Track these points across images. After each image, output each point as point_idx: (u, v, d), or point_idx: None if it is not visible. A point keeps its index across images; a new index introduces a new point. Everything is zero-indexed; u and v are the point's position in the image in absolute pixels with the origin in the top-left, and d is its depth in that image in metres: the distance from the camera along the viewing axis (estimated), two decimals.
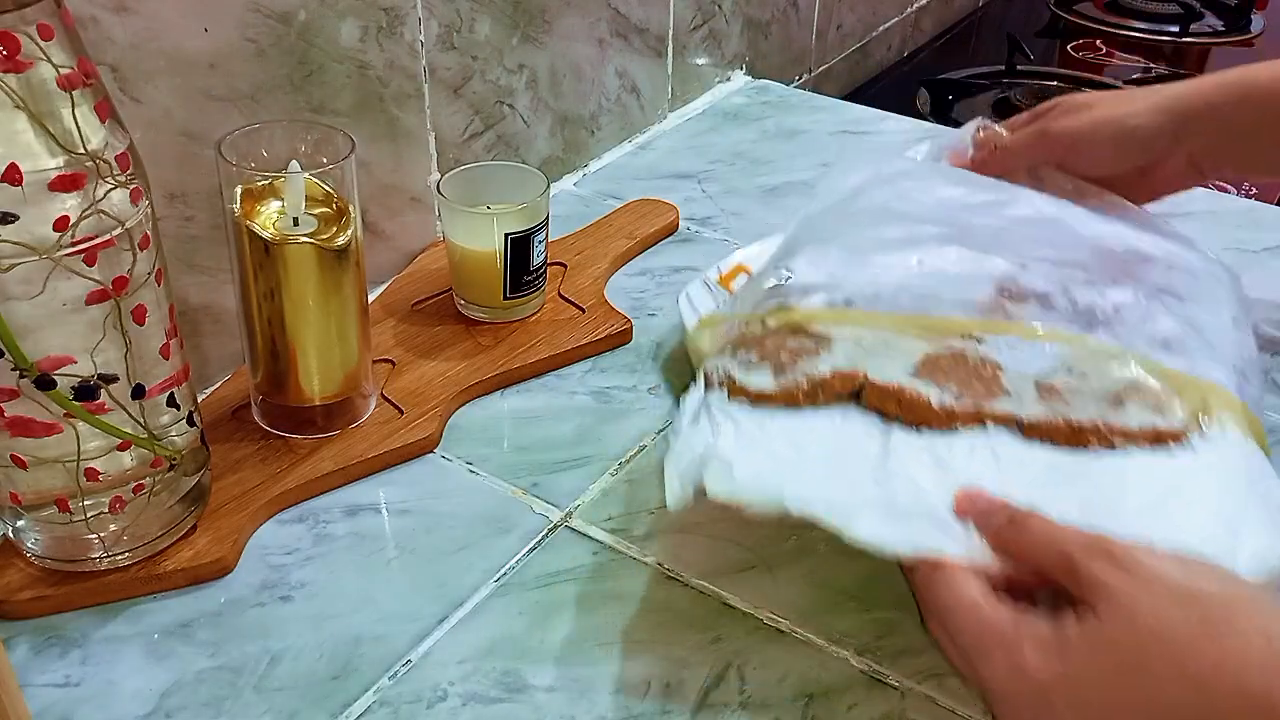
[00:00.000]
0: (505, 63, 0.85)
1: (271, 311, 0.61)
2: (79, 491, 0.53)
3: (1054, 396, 0.56)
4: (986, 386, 0.56)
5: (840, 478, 0.52)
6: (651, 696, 0.53)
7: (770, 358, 0.57)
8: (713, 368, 0.58)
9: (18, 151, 0.45)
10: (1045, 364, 0.57)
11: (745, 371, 0.57)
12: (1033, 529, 0.49)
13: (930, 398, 0.55)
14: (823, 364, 0.57)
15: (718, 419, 0.55)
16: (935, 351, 0.57)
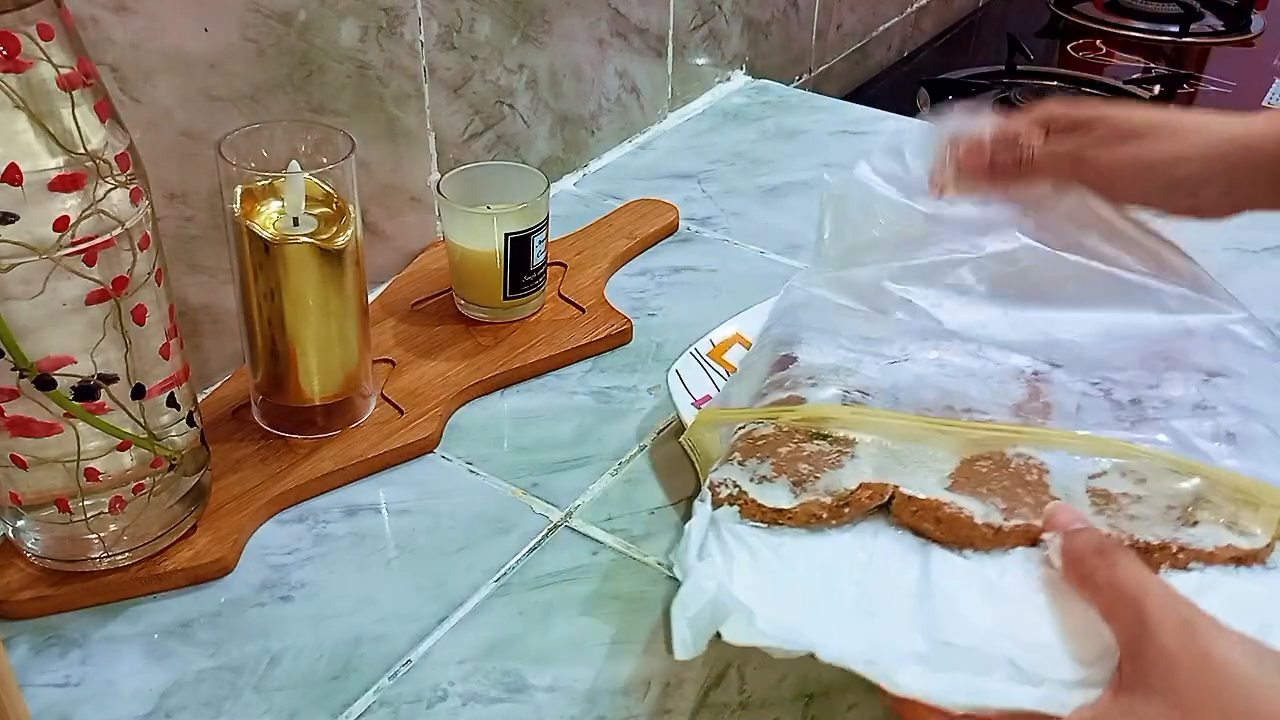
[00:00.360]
0: (505, 63, 0.85)
1: (271, 311, 0.61)
2: (79, 491, 0.53)
3: (1113, 507, 0.49)
4: (1034, 495, 0.50)
5: (876, 618, 0.46)
6: (651, 696, 0.53)
7: (787, 469, 0.51)
8: (720, 480, 0.52)
9: (18, 151, 0.45)
10: (1096, 465, 0.52)
11: (758, 486, 0.51)
12: (1119, 566, 0.44)
13: (974, 514, 0.49)
14: (847, 476, 0.50)
15: (729, 545, 0.49)
16: (972, 455, 0.52)
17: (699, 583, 0.46)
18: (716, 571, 0.47)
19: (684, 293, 0.82)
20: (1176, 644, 0.41)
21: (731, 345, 0.70)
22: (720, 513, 0.51)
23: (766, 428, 0.54)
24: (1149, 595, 0.43)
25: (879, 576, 0.48)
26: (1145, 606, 0.42)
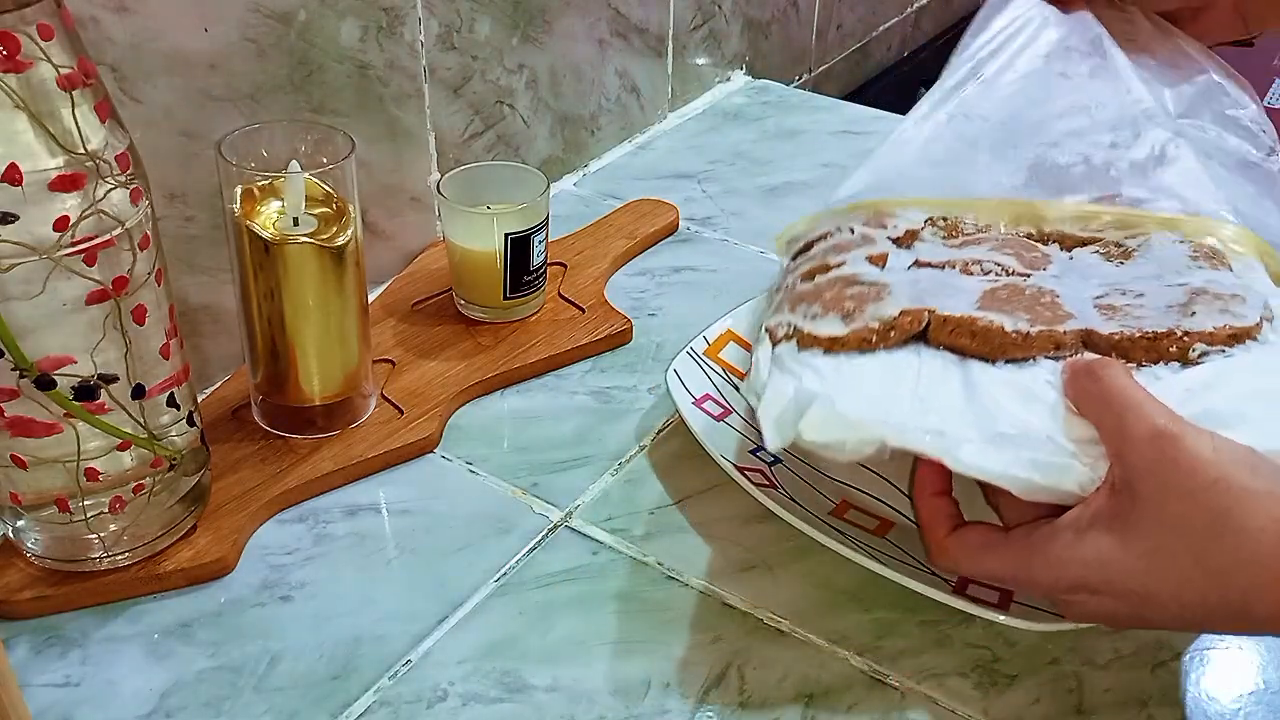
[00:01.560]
0: (505, 63, 0.85)
1: (271, 311, 0.61)
2: (79, 491, 0.53)
3: (1120, 314, 0.54)
4: (1051, 311, 0.54)
5: (934, 412, 0.50)
6: (651, 696, 0.53)
7: (834, 306, 0.55)
8: (775, 324, 0.57)
9: (18, 151, 0.45)
10: (1095, 289, 0.56)
11: (812, 321, 0.55)
12: (1105, 380, 0.48)
13: (1005, 325, 0.53)
14: (889, 305, 0.54)
15: (794, 369, 0.53)
16: (991, 286, 0.56)
17: (778, 388, 0.52)
18: (791, 381, 0.52)
19: (684, 293, 0.82)
20: (1151, 456, 0.45)
21: (726, 344, 0.71)
22: (780, 349, 0.55)
23: (807, 285, 0.58)
24: (1129, 407, 0.46)
25: (929, 385, 0.51)
26: (1125, 418, 0.46)
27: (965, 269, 0.58)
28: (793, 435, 0.50)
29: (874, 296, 0.55)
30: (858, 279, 0.57)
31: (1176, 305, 0.53)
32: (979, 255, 0.59)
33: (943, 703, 0.53)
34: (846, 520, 0.60)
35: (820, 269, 0.59)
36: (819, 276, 0.59)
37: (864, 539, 0.58)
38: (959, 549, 0.51)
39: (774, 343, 0.56)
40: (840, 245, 0.61)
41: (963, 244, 0.61)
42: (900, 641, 0.55)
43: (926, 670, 0.54)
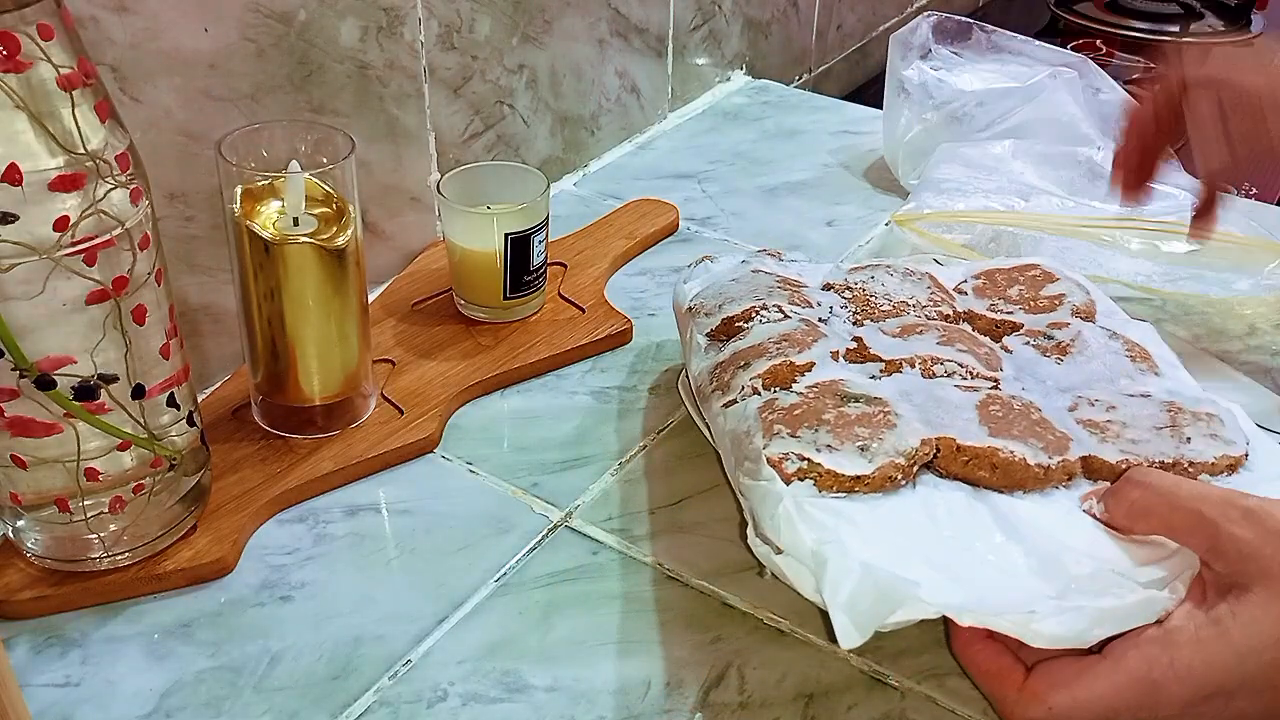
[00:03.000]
0: (505, 63, 0.85)
1: (271, 311, 0.61)
2: (79, 491, 0.53)
3: (1111, 434, 0.54)
4: (1051, 434, 0.53)
5: (989, 566, 0.48)
6: (651, 696, 0.53)
7: (846, 435, 0.51)
8: (781, 455, 0.51)
9: (18, 151, 0.45)
10: (1062, 398, 0.56)
11: (829, 455, 0.51)
12: (1158, 486, 0.47)
13: (1026, 457, 0.51)
14: (907, 433, 0.51)
15: (825, 520, 0.48)
16: (981, 401, 0.55)
17: (841, 564, 0.46)
18: (846, 550, 0.47)
19: None
20: (1252, 533, 0.43)
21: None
22: (796, 489, 0.50)
23: (790, 397, 0.55)
24: (1199, 500, 0.45)
25: (964, 527, 0.49)
26: (1202, 513, 0.44)
27: (928, 370, 0.57)
28: (872, 630, 0.45)
29: (884, 422, 0.52)
30: (846, 390, 0.55)
31: (1165, 426, 0.54)
32: (932, 351, 0.58)
33: (942, 703, 0.53)
34: None
35: (785, 370, 0.57)
36: (800, 381, 0.56)
37: None
38: (1051, 689, 0.45)
39: (784, 479, 0.50)
40: (790, 337, 0.58)
41: (903, 332, 0.60)
42: (900, 641, 0.55)
43: (926, 670, 0.54)
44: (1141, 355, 0.60)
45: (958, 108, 0.92)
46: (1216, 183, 0.66)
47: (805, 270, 0.68)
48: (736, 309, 0.62)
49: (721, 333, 0.62)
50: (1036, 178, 0.87)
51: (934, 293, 0.64)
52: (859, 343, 0.60)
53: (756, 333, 0.60)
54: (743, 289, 0.64)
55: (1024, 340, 0.61)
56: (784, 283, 0.64)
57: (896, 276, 0.66)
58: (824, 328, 0.60)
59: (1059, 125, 0.89)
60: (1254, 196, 1.02)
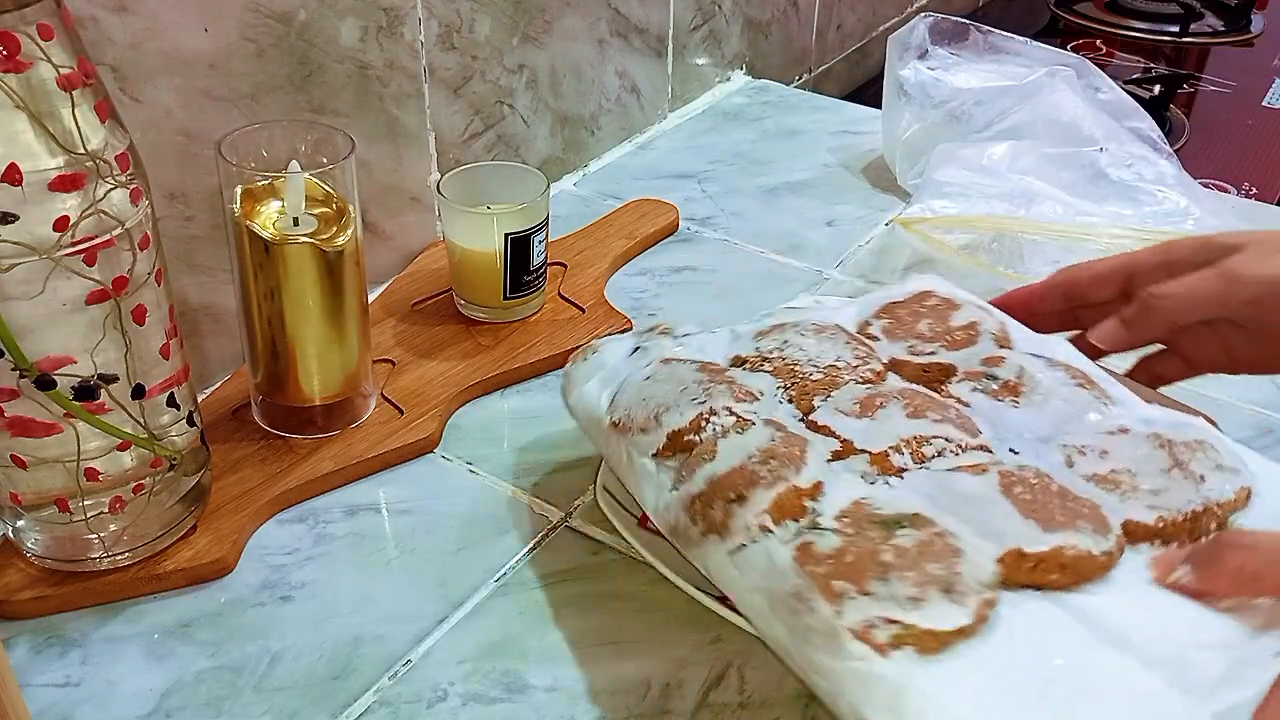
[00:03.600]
0: (505, 63, 0.85)
1: (271, 311, 0.61)
2: (79, 491, 0.53)
3: (1125, 489, 0.51)
4: (1081, 505, 0.49)
5: (1132, 701, 0.44)
6: (651, 696, 0.53)
7: (924, 579, 0.44)
8: (865, 623, 0.43)
9: (18, 151, 0.45)
10: (1051, 452, 0.53)
11: (917, 610, 0.44)
12: (1234, 546, 0.46)
13: (1090, 548, 0.47)
14: (979, 560, 0.46)
15: (948, 699, 0.42)
16: (999, 482, 0.50)
17: None
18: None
19: (684, 293, 0.82)
20: None
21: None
22: (901, 662, 0.42)
23: (826, 538, 0.47)
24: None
25: (1068, 649, 0.45)
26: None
27: (918, 455, 0.52)
28: None
29: (946, 549, 0.46)
30: (879, 514, 0.48)
31: (1171, 467, 0.52)
32: (909, 430, 0.53)
33: None
34: None
35: (793, 499, 0.49)
36: (819, 511, 0.49)
37: None
38: None
39: (878, 650, 0.43)
40: (774, 453, 0.51)
41: (861, 409, 0.54)
42: None
43: None
44: (1086, 380, 0.58)
45: (956, 106, 0.92)
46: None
47: (706, 345, 0.61)
48: (680, 420, 0.54)
49: (669, 450, 0.54)
50: (1038, 180, 0.87)
51: (855, 347, 0.59)
52: (826, 432, 0.54)
53: (725, 451, 0.52)
54: (667, 389, 0.56)
55: (970, 387, 0.57)
56: (705, 370, 0.57)
57: (809, 336, 0.59)
58: (794, 428, 0.54)
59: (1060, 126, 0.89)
60: (1254, 196, 1.02)
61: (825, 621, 0.44)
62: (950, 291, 0.64)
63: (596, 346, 0.62)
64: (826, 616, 0.44)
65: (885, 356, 0.60)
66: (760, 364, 0.58)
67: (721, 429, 0.53)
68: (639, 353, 0.61)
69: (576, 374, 0.61)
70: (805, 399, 0.56)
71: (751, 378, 0.58)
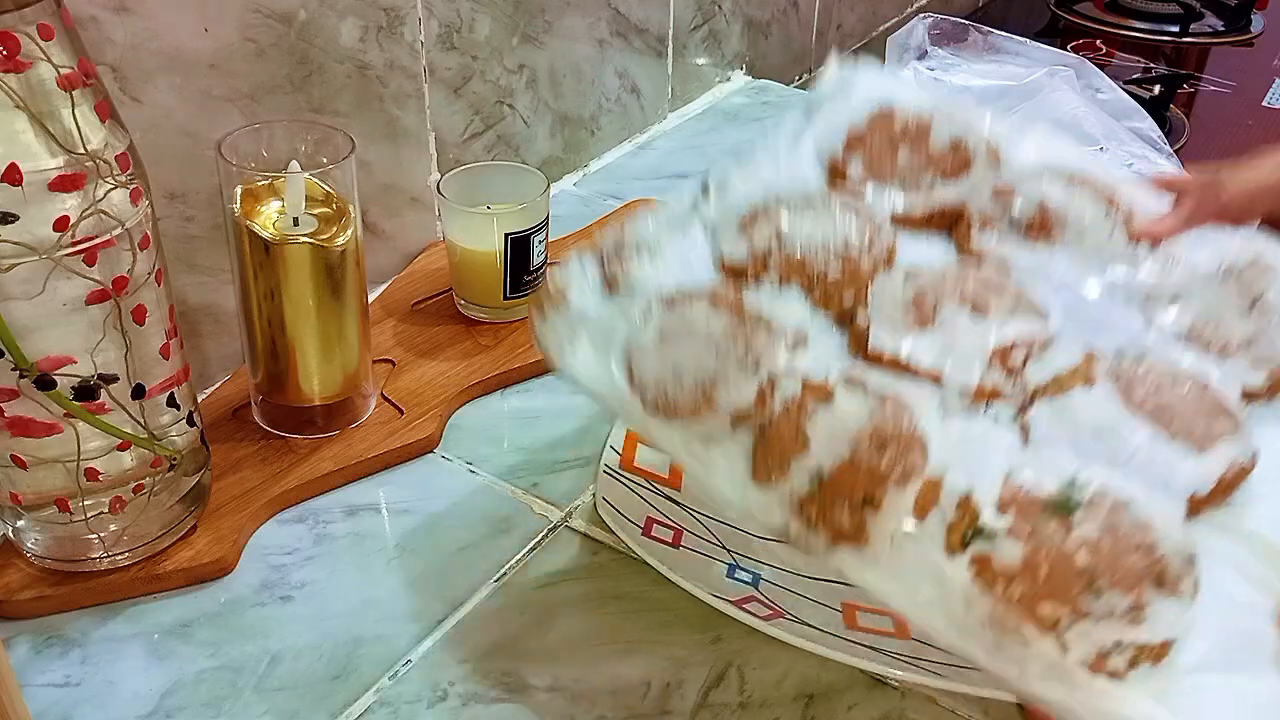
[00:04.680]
0: (505, 63, 0.84)
1: (271, 311, 0.61)
2: (79, 491, 0.53)
3: (1217, 345, 0.48)
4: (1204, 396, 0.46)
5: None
6: (651, 696, 0.53)
7: (1130, 579, 0.39)
8: (1092, 654, 0.39)
9: (18, 151, 0.45)
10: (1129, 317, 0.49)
11: (1146, 624, 0.39)
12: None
13: (1241, 459, 0.44)
14: (1169, 526, 0.41)
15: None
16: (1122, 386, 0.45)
17: None
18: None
19: None
20: None
21: (636, 447, 0.64)
22: (1136, 684, 0.39)
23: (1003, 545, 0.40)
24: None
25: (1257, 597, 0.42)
26: None
27: (1008, 367, 0.44)
28: None
29: (1137, 527, 0.40)
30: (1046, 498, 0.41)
31: (1251, 303, 0.48)
32: (981, 335, 0.46)
33: (942, 703, 0.53)
34: (861, 629, 0.55)
35: (932, 492, 0.42)
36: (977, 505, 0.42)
37: (885, 644, 0.53)
38: None
39: (1117, 678, 0.39)
40: (884, 435, 0.43)
41: (920, 322, 0.47)
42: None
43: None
44: (1108, 197, 0.52)
45: None
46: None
47: (689, 255, 0.52)
48: (739, 397, 0.46)
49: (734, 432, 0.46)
50: None
51: (855, 216, 0.51)
52: (902, 369, 0.46)
53: (820, 438, 0.43)
54: (697, 351, 0.47)
55: (995, 237, 0.51)
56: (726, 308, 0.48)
57: (803, 216, 0.51)
58: (877, 385, 0.45)
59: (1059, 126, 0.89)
60: None
61: (1048, 657, 0.39)
62: (912, 107, 0.56)
63: (563, 291, 0.52)
64: (1049, 653, 0.39)
65: (884, 212, 0.53)
66: (762, 268, 0.50)
67: (795, 402, 0.44)
68: (619, 293, 0.51)
69: (555, 335, 0.52)
70: (833, 303, 0.49)
71: (779, 304, 0.49)
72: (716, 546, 0.59)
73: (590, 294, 0.52)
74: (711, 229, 0.53)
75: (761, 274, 0.50)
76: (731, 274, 0.51)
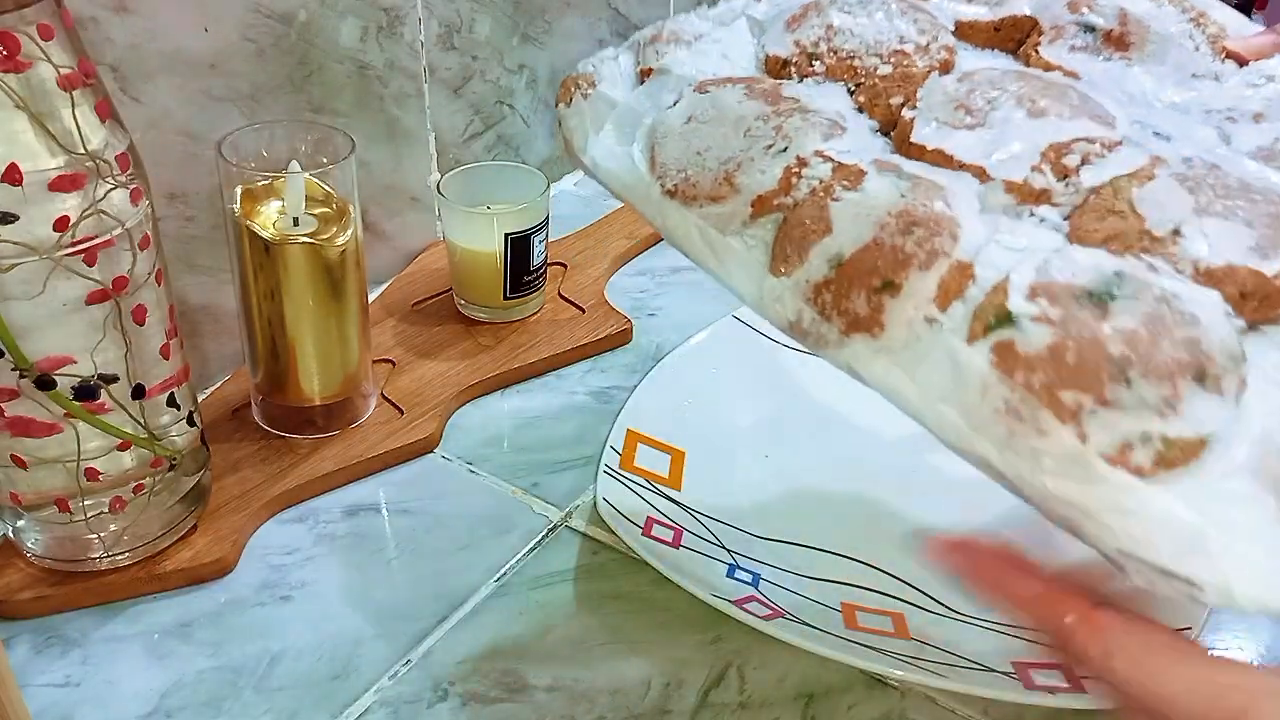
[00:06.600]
0: (505, 63, 0.85)
1: (271, 311, 0.61)
2: (79, 491, 0.53)
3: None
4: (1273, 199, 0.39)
5: None
6: (651, 696, 0.53)
7: (1162, 366, 0.35)
8: (1115, 446, 0.35)
9: (18, 151, 0.45)
10: (1203, 130, 0.44)
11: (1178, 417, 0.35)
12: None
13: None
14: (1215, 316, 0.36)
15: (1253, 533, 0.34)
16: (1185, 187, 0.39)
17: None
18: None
19: (684, 293, 0.82)
20: None
21: (636, 447, 0.64)
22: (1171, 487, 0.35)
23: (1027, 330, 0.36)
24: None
25: None
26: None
27: (1059, 168, 0.40)
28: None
29: (1182, 318, 0.36)
30: (1084, 286, 0.36)
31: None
32: (1037, 133, 0.41)
33: (942, 703, 0.53)
34: (861, 629, 0.55)
35: (958, 277, 0.38)
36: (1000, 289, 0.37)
37: (885, 644, 0.53)
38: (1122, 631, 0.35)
39: (1142, 475, 0.34)
40: (913, 217, 0.39)
41: (971, 119, 0.42)
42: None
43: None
44: (1197, 13, 0.47)
45: None
46: None
47: (729, 49, 0.48)
48: (763, 179, 0.42)
49: (755, 218, 0.43)
50: None
51: (912, 12, 0.46)
52: (945, 161, 0.41)
53: (843, 220, 0.40)
54: (725, 134, 0.44)
55: (1067, 47, 0.46)
56: (760, 95, 0.44)
57: (856, 12, 0.47)
58: (912, 168, 0.41)
59: None
60: None
61: (1065, 446, 0.35)
62: None
63: (593, 76, 0.48)
64: (1066, 442, 0.35)
65: (947, 18, 0.48)
66: (808, 65, 0.46)
67: (822, 185, 0.41)
68: (655, 79, 0.47)
69: (580, 120, 0.47)
70: (879, 104, 0.44)
71: (817, 92, 0.45)
72: (716, 546, 0.59)
73: (621, 81, 0.48)
74: (757, 24, 0.49)
75: (806, 70, 0.46)
76: (774, 70, 0.46)
